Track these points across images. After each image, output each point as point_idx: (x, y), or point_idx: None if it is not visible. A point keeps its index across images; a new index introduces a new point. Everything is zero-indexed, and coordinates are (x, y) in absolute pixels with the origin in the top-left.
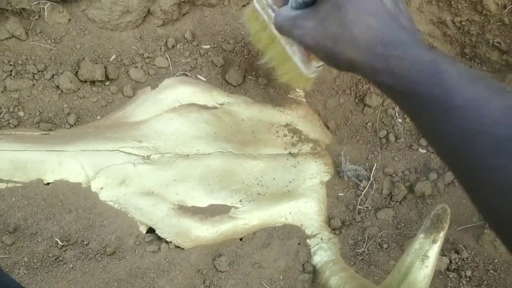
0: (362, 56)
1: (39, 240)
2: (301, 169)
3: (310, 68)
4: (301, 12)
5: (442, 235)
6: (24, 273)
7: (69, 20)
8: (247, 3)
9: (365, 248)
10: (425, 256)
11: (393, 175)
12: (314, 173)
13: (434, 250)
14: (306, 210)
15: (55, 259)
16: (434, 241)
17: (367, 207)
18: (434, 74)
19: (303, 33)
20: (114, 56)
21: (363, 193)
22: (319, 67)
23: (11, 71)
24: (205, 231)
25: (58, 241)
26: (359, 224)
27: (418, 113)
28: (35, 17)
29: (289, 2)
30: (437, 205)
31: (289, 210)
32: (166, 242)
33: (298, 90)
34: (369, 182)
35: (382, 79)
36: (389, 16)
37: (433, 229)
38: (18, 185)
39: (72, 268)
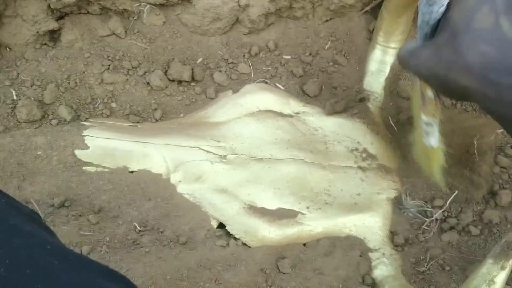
0: (475, 83)
1: (120, 222)
2: (369, 183)
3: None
4: (421, 43)
5: (511, 263)
6: (106, 251)
7: (164, 22)
8: (330, 19)
9: (426, 267)
10: (492, 282)
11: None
12: (382, 189)
13: (501, 277)
14: (370, 224)
15: (133, 242)
16: (502, 268)
17: (432, 228)
18: None
19: (418, 63)
20: (201, 59)
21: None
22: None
23: (109, 65)
24: (272, 233)
25: (137, 225)
26: (422, 243)
27: None
28: (134, 18)
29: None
30: (509, 232)
31: (354, 222)
32: (235, 238)
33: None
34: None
35: (494, 108)
36: (505, 41)
37: (503, 256)
38: (106, 170)
39: (148, 252)
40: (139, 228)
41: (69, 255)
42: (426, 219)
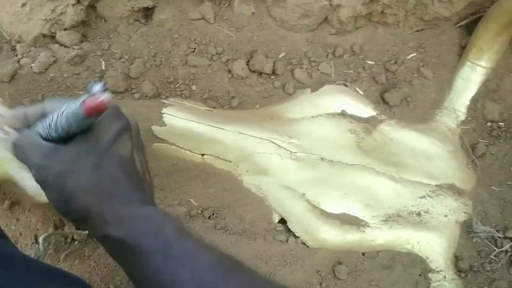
0: (97, 205)
1: (181, 203)
2: (439, 202)
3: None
4: (53, 145)
5: None
6: None
7: (253, 13)
8: (421, 29)
9: None
10: None
11: None
12: (452, 210)
13: None
14: (435, 244)
15: (188, 219)
16: None
17: (500, 259)
18: (158, 229)
19: (47, 173)
20: (283, 53)
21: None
22: None
23: (195, 49)
24: (332, 236)
25: (197, 208)
26: (488, 273)
27: (135, 263)
28: (225, 5)
29: (36, 126)
30: None
31: (418, 240)
32: (295, 236)
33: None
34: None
35: (110, 231)
36: (133, 174)
37: None
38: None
39: (204, 235)
40: (198, 211)
41: (16, 260)
42: (496, 249)
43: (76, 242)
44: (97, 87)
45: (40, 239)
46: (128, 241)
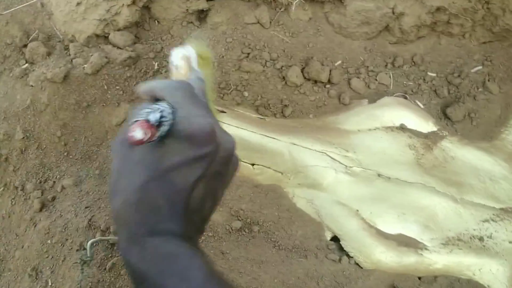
0: (126, 221)
1: (222, 210)
2: (504, 227)
3: None
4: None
5: None
6: (209, 235)
7: (310, 18)
8: (489, 41)
9: None
10: None
11: None
12: None
13: None
14: (498, 273)
15: (237, 231)
16: None
17: None
18: (184, 272)
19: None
20: (340, 61)
21: None
22: None
23: (248, 53)
24: (388, 258)
25: (248, 219)
26: None
27: None
28: (281, 9)
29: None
30: None
31: (479, 266)
32: (348, 255)
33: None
34: None
35: (130, 258)
36: (180, 205)
37: None
38: None
39: (251, 247)
40: (246, 223)
41: None
42: None
43: None
44: (153, 116)
45: (88, 244)
46: (151, 277)
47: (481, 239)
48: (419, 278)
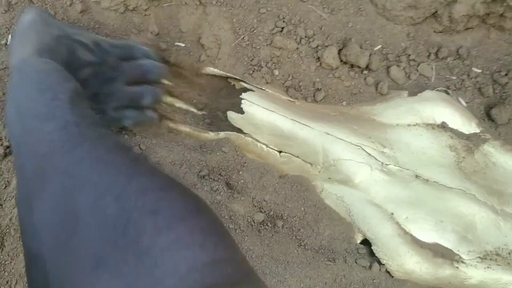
0: None
1: (244, 200)
2: None
3: None
4: None
5: None
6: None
7: None
8: None
9: None
10: None
11: None
12: None
13: None
14: None
15: (260, 224)
16: None
17: None
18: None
19: None
20: (379, 46)
21: None
22: None
23: (283, 28)
24: (422, 269)
25: (271, 212)
26: None
27: None
28: None
29: None
30: None
31: None
32: (379, 262)
33: None
34: None
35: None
36: None
37: None
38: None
39: (274, 242)
40: (269, 216)
41: None
42: None
43: None
44: None
45: None
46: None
47: None
48: None
